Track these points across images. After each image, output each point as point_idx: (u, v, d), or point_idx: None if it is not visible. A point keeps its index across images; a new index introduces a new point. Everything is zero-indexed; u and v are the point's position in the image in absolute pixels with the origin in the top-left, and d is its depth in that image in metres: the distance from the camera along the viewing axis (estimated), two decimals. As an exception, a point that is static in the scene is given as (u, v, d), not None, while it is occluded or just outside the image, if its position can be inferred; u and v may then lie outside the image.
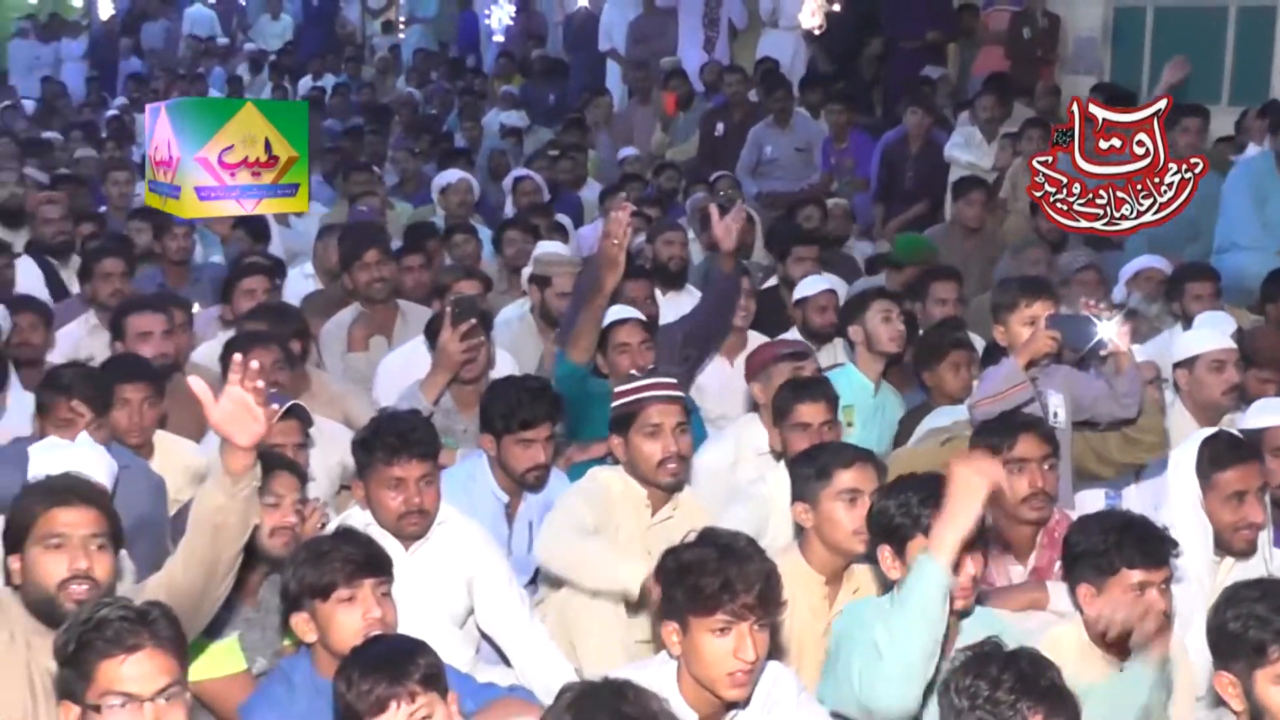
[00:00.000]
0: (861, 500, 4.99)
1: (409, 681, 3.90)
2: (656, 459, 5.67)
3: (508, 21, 18.94)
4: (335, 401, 7.09)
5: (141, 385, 6.25)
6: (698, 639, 4.13)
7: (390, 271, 8.28)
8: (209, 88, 20.45)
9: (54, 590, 4.28)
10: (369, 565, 4.51)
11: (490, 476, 6.16)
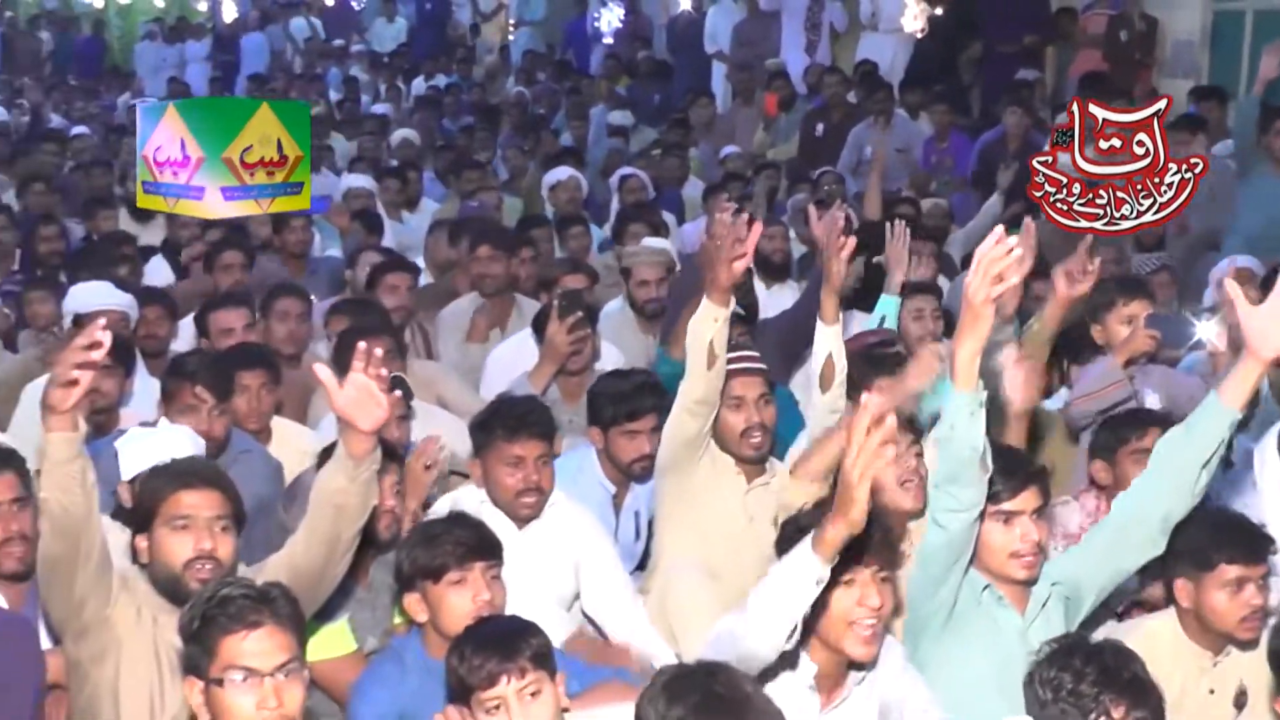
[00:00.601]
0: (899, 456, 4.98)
1: (520, 658, 3.93)
2: (740, 430, 5.67)
3: (616, 24, 18.94)
4: (429, 384, 7.10)
5: (259, 372, 6.32)
6: (824, 594, 4.10)
7: (502, 267, 8.28)
8: (327, 87, 20.59)
9: (179, 569, 4.33)
10: (480, 549, 4.53)
11: (598, 468, 6.17)
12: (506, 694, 3.92)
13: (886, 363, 6.16)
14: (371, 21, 24.32)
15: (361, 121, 16.75)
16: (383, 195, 11.79)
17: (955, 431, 4.32)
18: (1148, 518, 4.57)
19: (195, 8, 27.11)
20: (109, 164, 13.77)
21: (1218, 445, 4.37)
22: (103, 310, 6.80)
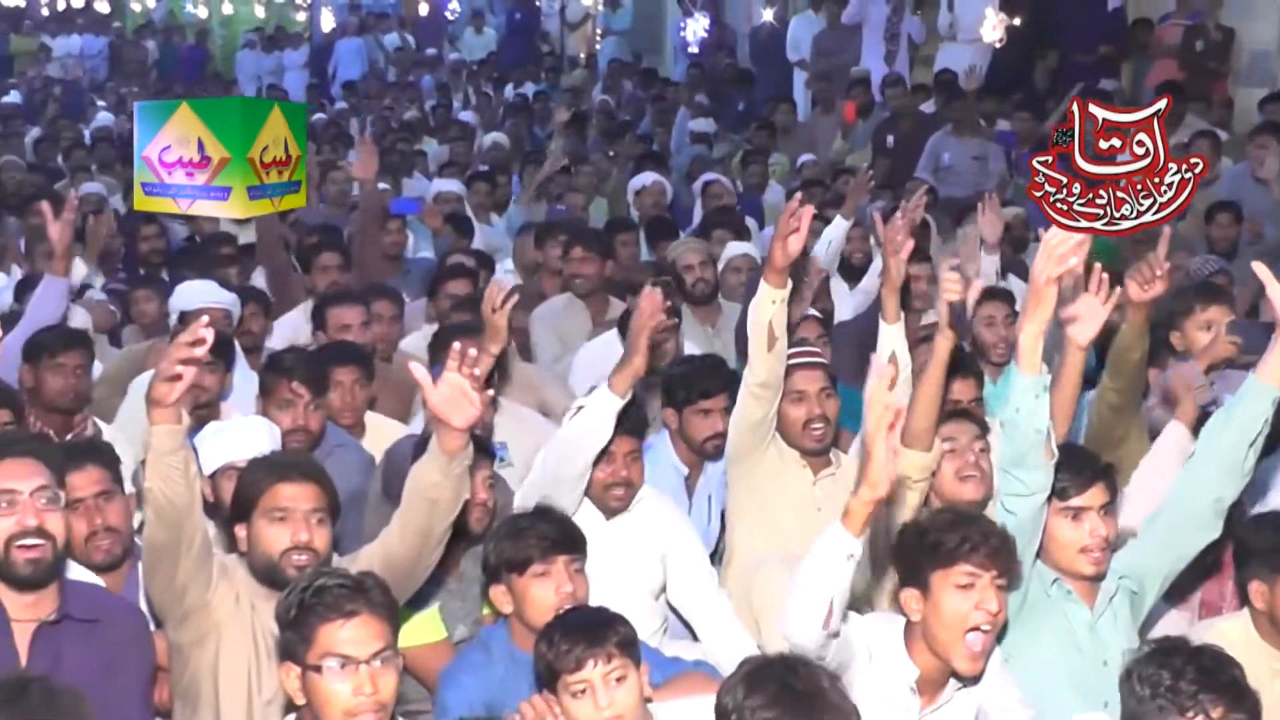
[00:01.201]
0: (959, 450, 5.15)
1: (607, 644, 3.93)
2: (801, 422, 5.66)
3: (702, 34, 18.95)
4: (531, 388, 7.12)
5: (353, 369, 6.36)
6: (939, 597, 4.14)
7: (596, 268, 8.32)
8: (420, 95, 20.71)
9: (277, 558, 4.37)
10: (563, 542, 4.53)
11: (671, 450, 6.20)
12: (592, 678, 3.91)
13: (960, 363, 6.14)
14: (462, 31, 24.46)
15: (451, 127, 16.83)
16: (472, 199, 11.83)
17: (1020, 414, 4.35)
18: (1200, 502, 4.57)
19: (293, 18, 27.33)
20: (210, 167, 13.87)
21: (1261, 424, 4.39)
22: (206, 308, 6.86)
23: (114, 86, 24.05)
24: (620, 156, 14.65)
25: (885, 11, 16.32)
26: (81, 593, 4.28)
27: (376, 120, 18.34)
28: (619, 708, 3.92)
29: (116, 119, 18.46)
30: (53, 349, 6.26)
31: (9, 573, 4.06)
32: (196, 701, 4.46)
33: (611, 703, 3.91)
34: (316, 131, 17.07)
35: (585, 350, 7.64)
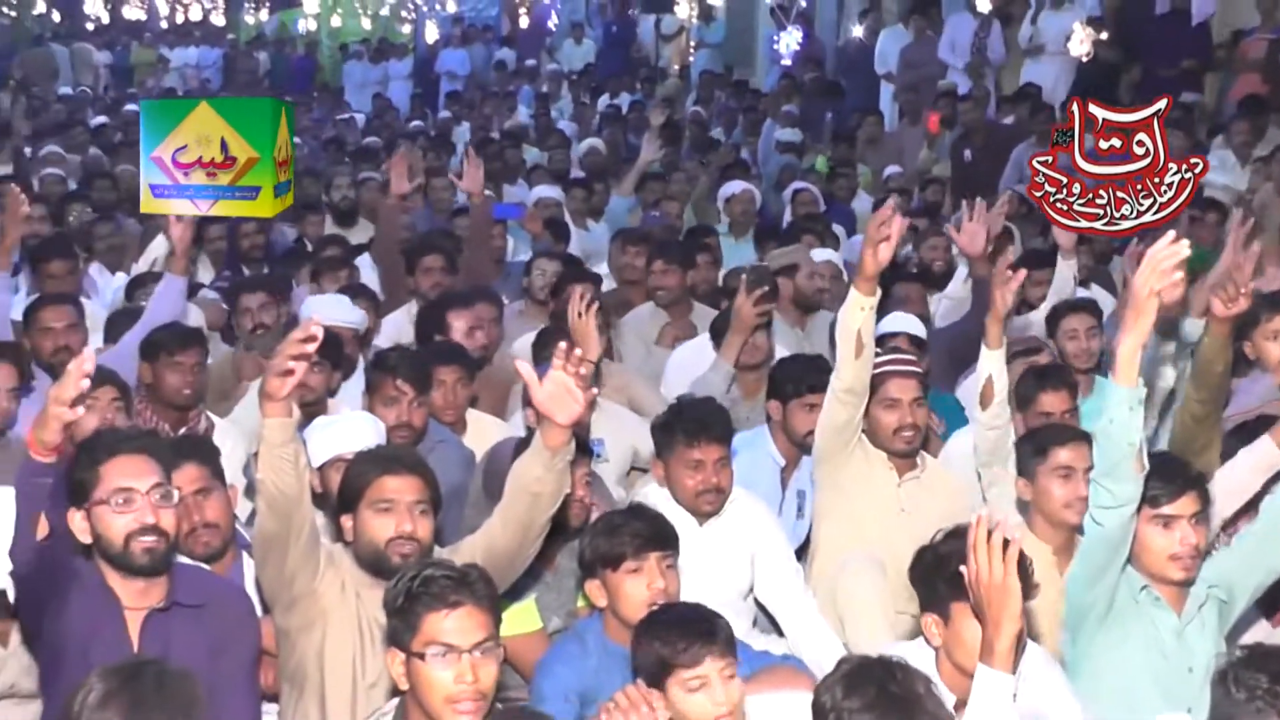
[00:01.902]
0: (1075, 476, 5.00)
1: (720, 640, 3.91)
2: (892, 428, 5.65)
3: (795, 47, 18.91)
4: (623, 388, 7.12)
5: (455, 369, 6.38)
6: (960, 626, 4.08)
7: (677, 279, 8.31)
8: (519, 104, 20.79)
9: (382, 548, 4.40)
10: (656, 539, 4.53)
11: (770, 442, 6.21)
12: (710, 673, 3.88)
13: (1051, 376, 6.08)
14: (562, 43, 24.54)
15: (550, 136, 16.88)
16: (569, 204, 11.85)
17: (1114, 425, 4.29)
18: None
19: (399, 30, 27.49)
20: (318, 173, 14.00)
21: None
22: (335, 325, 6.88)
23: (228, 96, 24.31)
24: (711, 165, 14.63)
25: (973, 26, 16.20)
26: (189, 579, 4.33)
27: (478, 129, 18.43)
28: (732, 702, 3.91)
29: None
30: (170, 347, 6.31)
31: (127, 564, 4.12)
32: (303, 685, 4.50)
33: (726, 697, 3.90)
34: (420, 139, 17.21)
35: (678, 353, 7.63)
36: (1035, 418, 5.91)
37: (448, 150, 16.54)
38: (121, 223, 10.32)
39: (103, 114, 19.36)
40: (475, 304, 7.34)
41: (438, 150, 16.17)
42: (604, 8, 24.78)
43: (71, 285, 8.16)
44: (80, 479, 4.13)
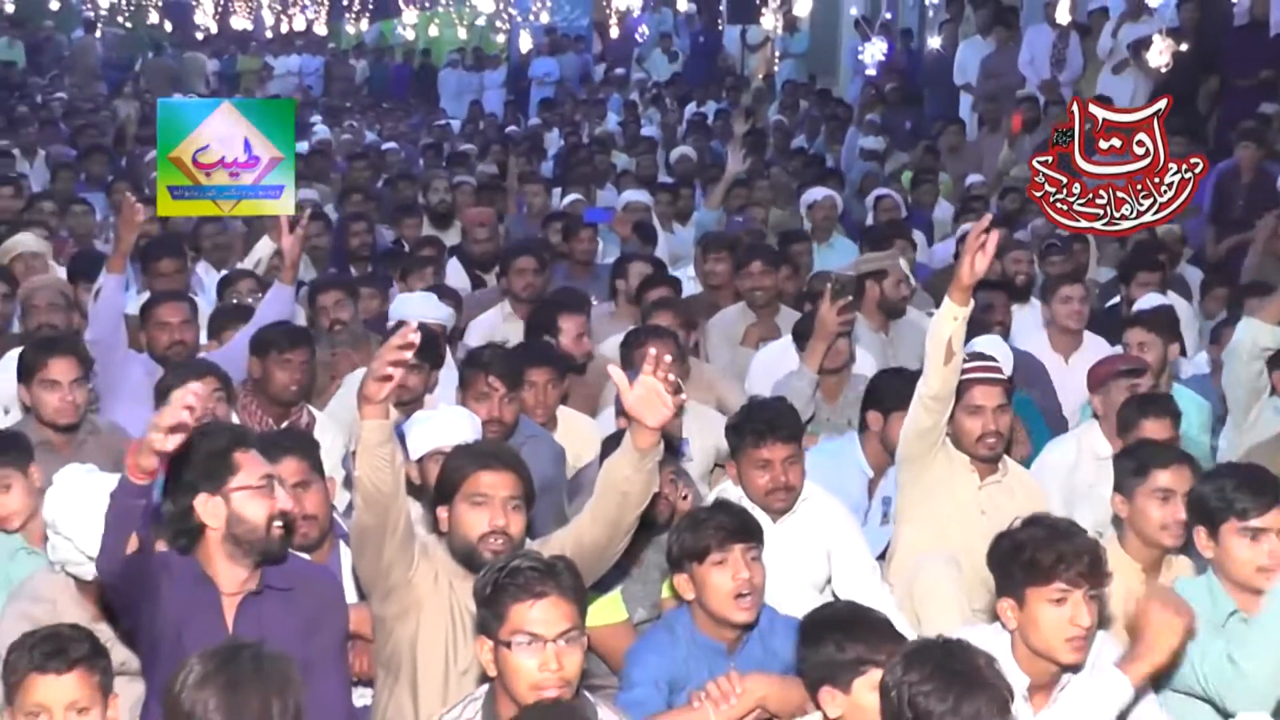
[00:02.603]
0: (1174, 500, 4.91)
1: (885, 648, 3.88)
2: (976, 435, 5.57)
3: (880, 57, 18.82)
4: (711, 388, 7.12)
5: (546, 370, 6.38)
6: (1035, 610, 4.10)
7: (771, 281, 8.30)
8: (608, 111, 20.83)
9: (474, 541, 4.41)
10: (740, 532, 4.50)
11: (859, 452, 6.18)
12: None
13: (1154, 403, 5.99)
14: (650, 53, 24.57)
15: (639, 143, 16.90)
16: (657, 208, 11.86)
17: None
18: None
19: (493, 40, 27.61)
20: (414, 177, 14.08)
21: None
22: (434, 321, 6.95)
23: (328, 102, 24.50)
24: (795, 172, 14.59)
25: (1051, 37, 16.05)
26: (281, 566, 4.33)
27: (568, 135, 18.49)
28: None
29: (332, 132, 18.80)
30: (280, 345, 6.36)
31: (266, 547, 4.16)
32: (397, 671, 4.51)
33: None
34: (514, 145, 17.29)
35: (762, 355, 7.62)
36: None
37: (539, 155, 16.61)
38: (227, 223, 10.41)
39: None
40: (586, 310, 7.36)
41: (529, 156, 16.23)
42: (691, 19, 24.76)
43: (180, 283, 8.22)
44: (217, 463, 4.16)
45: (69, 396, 5.88)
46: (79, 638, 3.79)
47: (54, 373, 5.87)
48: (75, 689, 3.70)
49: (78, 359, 5.98)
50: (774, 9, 21.80)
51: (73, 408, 5.89)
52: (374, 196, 12.83)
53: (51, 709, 3.68)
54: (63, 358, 5.92)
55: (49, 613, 4.44)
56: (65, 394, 5.87)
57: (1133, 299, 8.42)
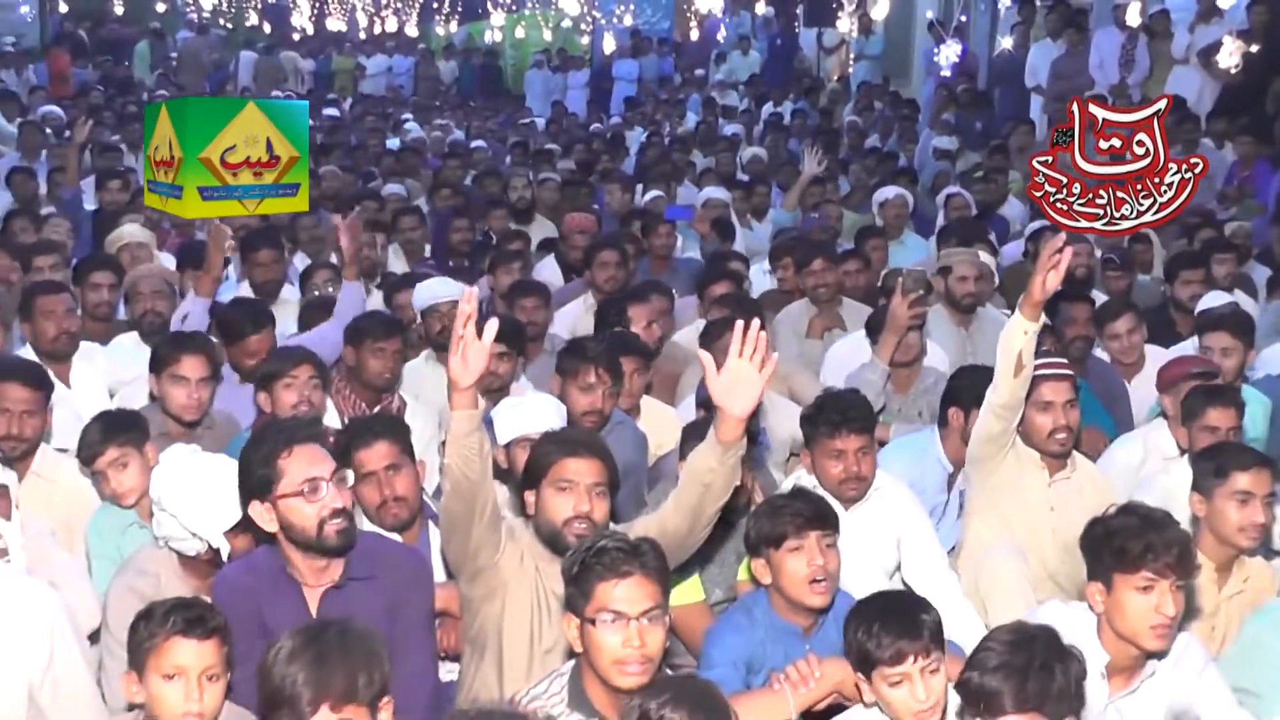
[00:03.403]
0: (1253, 502, 4.84)
1: (923, 638, 3.85)
2: (1047, 430, 5.52)
3: (954, 59, 18.70)
4: (784, 379, 7.09)
5: (635, 359, 6.38)
6: (1122, 596, 4.08)
7: (834, 277, 8.27)
8: (688, 111, 20.81)
9: (560, 526, 4.42)
10: (815, 519, 4.49)
11: (939, 447, 6.13)
12: (911, 671, 3.84)
13: (1220, 393, 5.93)
14: (729, 54, 24.56)
15: (717, 141, 16.88)
16: (735, 205, 11.86)
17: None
18: None
19: (578, 42, 27.66)
20: (499, 173, 14.15)
21: None
22: (435, 304, 6.97)
23: (419, 102, 24.65)
24: (869, 170, 14.53)
25: (1119, 40, 15.88)
26: (363, 552, 4.33)
27: (649, 133, 18.49)
28: (934, 696, 3.86)
29: (422, 129, 18.91)
30: (375, 335, 6.41)
31: (322, 546, 4.17)
32: (483, 649, 4.53)
33: (928, 693, 3.85)
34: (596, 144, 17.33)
35: (836, 348, 7.60)
36: (1201, 432, 5.71)
37: (621, 154, 16.63)
38: (323, 216, 10.52)
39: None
40: (652, 298, 7.36)
41: (612, 153, 16.26)
42: (769, 21, 24.72)
43: (277, 273, 8.33)
44: (261, 474, 4.18)
45: (195, 394, 5.93)
46: (216, 610, 3.84)
47: (184, 369, 5.93)
48: (210, 655, 3.76)
49: (207, 358, 6.03)
50: (850, 12, 21.74)
51: (197, 404, 5.95)
52: (462, 192, 12.90)
53: (188, 672, 3.73)
54: (194, 355, 5.98)
55: (153, 586, 4.49)
56: (192, 390, 5.93)
57: (1177, 297, 8.30)
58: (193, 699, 3.72)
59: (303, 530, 4.15)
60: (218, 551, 4.53)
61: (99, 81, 22.32)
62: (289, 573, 4.22)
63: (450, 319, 6.71)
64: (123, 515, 5.21)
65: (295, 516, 4.15)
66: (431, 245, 10.32)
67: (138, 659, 3.78)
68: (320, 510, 4.14)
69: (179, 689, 3.73)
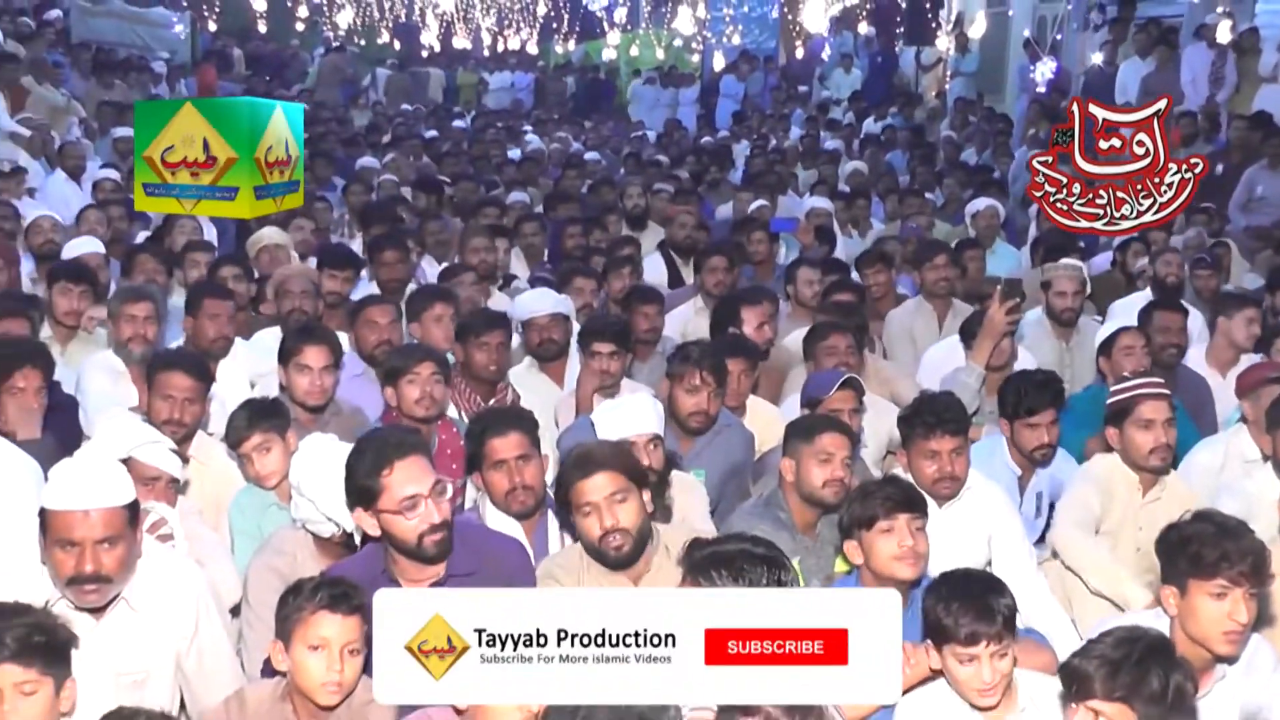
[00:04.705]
0: None
1: (996, 624, 3.85)
2: (1148, 448, 5.47)
3: (1049, 76, 18.48)
4: (885, 382, 7.07)
5: (741, 360, 6.38)
6: (1195, 601, 4.00)
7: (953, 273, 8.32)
8: (791, 125, 20.75)
9: (596, 542, 4.42)
10: (906, 502, 4.48)
11: (1006, 453, 6.05)
12: (981, 654, 3.86)
13: None
14: (832, 72, 24.46)
15: (819, 155, 16.82)
16: (836, 215, 11.83)
17: None
18: None
19: (688, 59, 27.65)
20: (613, 183, 14.19)
21: None
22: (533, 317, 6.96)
23: (539, 115, 24.78)
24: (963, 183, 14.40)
25: (1209, 57, 15.60)
26: (465, 548, 4.33)
27: (755, 146, 18.46)
28: (998, 678, 3.87)
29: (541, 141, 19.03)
30: (478, 329, 6.46)
31: (421, 556, 4.20)
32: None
33: (994, 675, 3.86)
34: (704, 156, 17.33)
35: (931, 352, 7.56)
36: None
37: (728, 165, 16.62)
38: (448, 222, 10.62)
39: (434, 129, 19.94)
40: (764, 301, 7.35)
41: (719, 165, 16.26)
42: (870, 40, 24.57)
43: (403, 273, 8.42)
44: (365, 485, 4.20)
45: (318, 381, 6.02)
46: (360, 590, 3.88)
47: (307, 358, 6.02)
48: (353, 630, 3.83)
49: (329, 348, 6.11)
50: (948, 31, 21.55)
51: (320, 391, 6.04)
52: (578, 200, 12.95)
53: (331, 644, 3.81)
54: (316, 345, 6.07)
55: (290, 565, 4.58)
56: (315, 378, 6.02)
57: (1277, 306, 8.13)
58: (334, 669, 3.80)
59: (403, 541, 4.19)
60: (350, 535, 4.60)
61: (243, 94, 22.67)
62: (392, 571, 4.26)
63: (548, 331, 6.86)
64: (263, 496, 5.32)
65: (396, 529, 4.19)
66: (548, 250, 10.37)
67: (285, 630, 3.86)
68: (419, 526, 4.16)
69: (322, 660, 3.81)
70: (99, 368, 6.49)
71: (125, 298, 6.68)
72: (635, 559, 4.42)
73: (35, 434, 5.51)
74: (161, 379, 5.56)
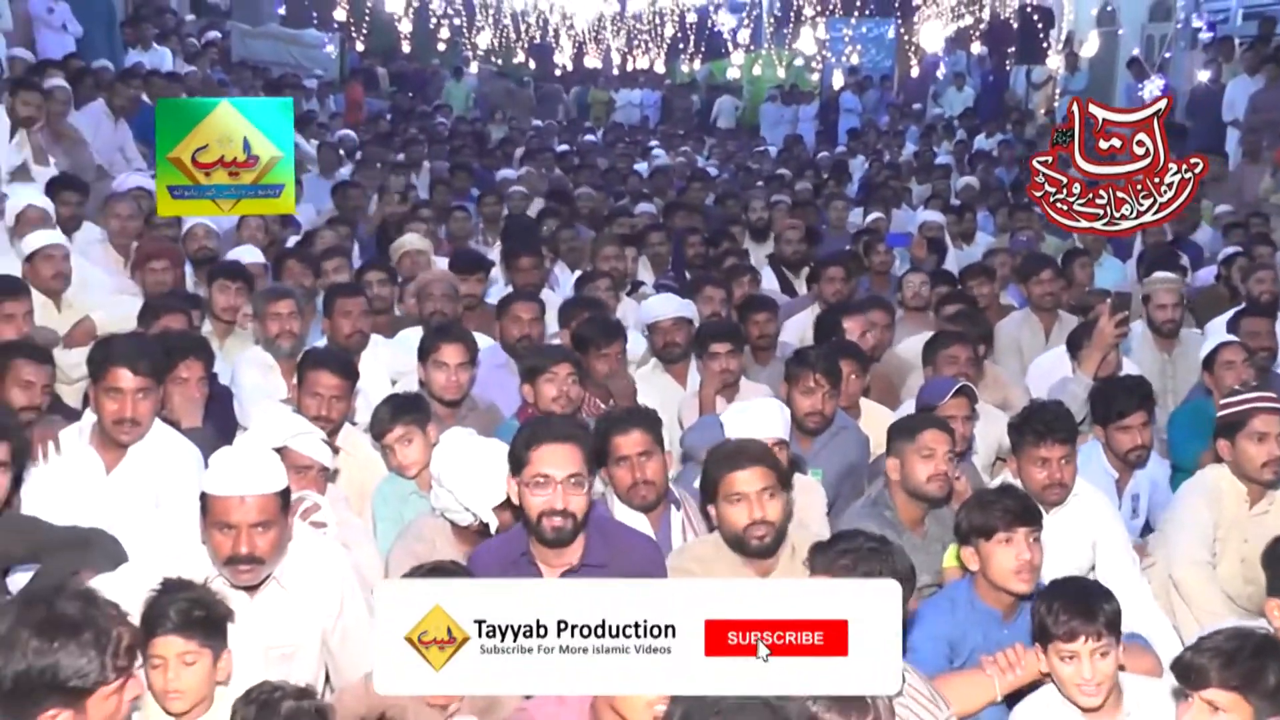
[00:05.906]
0: None
1: (1097, 622, 3.80)
2: (1261, 461, 5.33)
3: (1157, 93, 18.10)
4: (998, 389, 6.97)
5: (851, 363, 6.34)
6: None
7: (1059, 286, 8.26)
8: (906, 141, 20.57)
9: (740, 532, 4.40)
10: (1024, 515, 4.41)
11: (1103, 457, 5.95)
12: (1081, 650, 3.81)
13: None
14: (945, 90, 24.21)
15: (932, 169, 16.65)
16: (948, 227, 11.71)
17: None
18: None
19: (808, 78, 27.53)
20: (737, 195, 14.16)
21: None
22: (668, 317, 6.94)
23: (666, 130, 24.83)
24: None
25: (1321, 71, 15.21)
26: (599, 540, 4.33)
27: (871, 161, 18.32)
28: (1100, 676, 3.81)
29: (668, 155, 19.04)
30: (597, 341, 6.45)
31: (538, 535, 4.22)
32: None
33: (1094, 673, 3.81)
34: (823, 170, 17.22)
35: (1039, 361, 7.47)
36: None
37: (845, 179, 16.52)
38: (580, 231, 10.68)
39: (565, 143, 20.05)
40: (869, 310, 7.30)
41: (837, 179, 16.16)
42: (983, 59, 24.29)
43: (537, 278, 8.51)
44: (517, 454, 4.27)
45: (454, 377, 6.08)
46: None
47: (444, 356, 6.08)
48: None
49: (465, 346, 6.16)
50: (1058, 50, 21.22)
51: (456, 386, 6.09)
52: (702, 212, 12.94)
53: None
54: (453, 344, 6.13)
55: (429, 551, 4.62)
56: (451, 375, 6.07)
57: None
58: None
59: (528, 515, 4.22)
60: (486, 524, 4.63)
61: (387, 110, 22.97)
62: (531, 555, 4.28)
63: (672, 334, 6.85)
64: (404, 484, 5.37)
65: (526, 503, 4.23)
66: (671, 259, 10.39)
67: None
68: (544, 505, 4.18)
69: None
70: (251, 362, 6.60)
71: (268, 297, 6.79)
72: (774, 552, 4.41)
73: (197, 422, 5.63)
74: (310, 377, 5.64)
